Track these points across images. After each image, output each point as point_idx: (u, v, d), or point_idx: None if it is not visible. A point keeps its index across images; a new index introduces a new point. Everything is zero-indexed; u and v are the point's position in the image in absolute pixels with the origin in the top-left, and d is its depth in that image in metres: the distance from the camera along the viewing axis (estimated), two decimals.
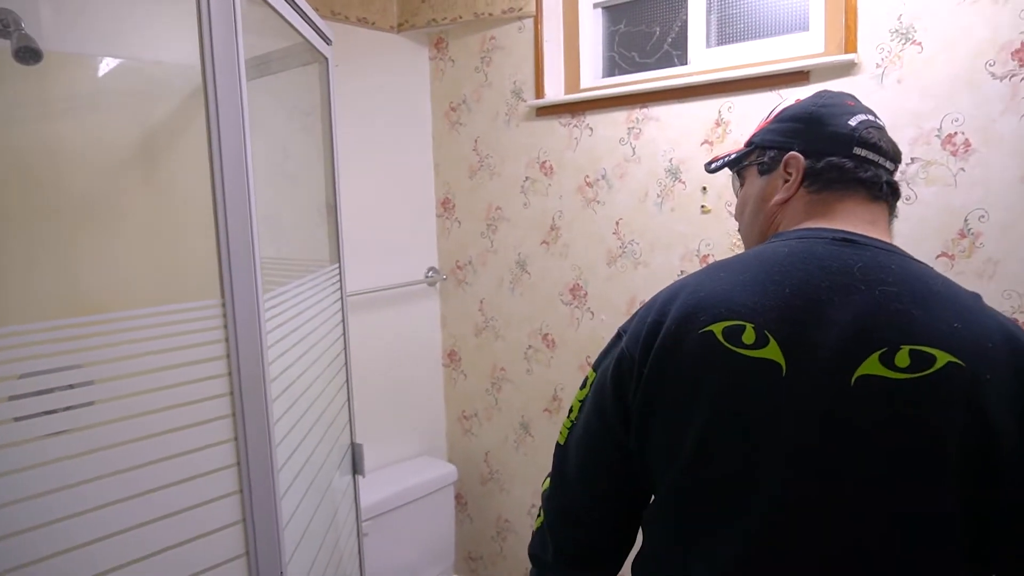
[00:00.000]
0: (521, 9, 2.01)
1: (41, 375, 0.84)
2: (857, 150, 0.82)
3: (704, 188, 1.73)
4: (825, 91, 0.90)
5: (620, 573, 0.93)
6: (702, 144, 1.72)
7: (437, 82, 2.29)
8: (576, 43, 2.04)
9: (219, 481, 0.93)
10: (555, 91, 2.05)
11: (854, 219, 0.81)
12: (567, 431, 0.89)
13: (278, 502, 0.99)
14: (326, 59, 1.45)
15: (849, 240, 0.77)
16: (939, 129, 1.40)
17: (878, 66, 1.46)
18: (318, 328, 1.35)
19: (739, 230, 0.97)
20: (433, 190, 2.36)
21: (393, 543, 2.07)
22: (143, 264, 1.52)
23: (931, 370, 0.66)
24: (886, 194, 0.83)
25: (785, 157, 0.85)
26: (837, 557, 0.69)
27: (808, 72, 1.55)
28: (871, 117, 0.84)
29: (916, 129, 1.43)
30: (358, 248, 2.07)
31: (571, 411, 0.89)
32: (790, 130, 0.86)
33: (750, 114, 1.64)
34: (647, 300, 0.85)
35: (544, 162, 2.05)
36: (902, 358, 0.67)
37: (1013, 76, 1.33)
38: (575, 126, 1.96)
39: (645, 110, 1.82)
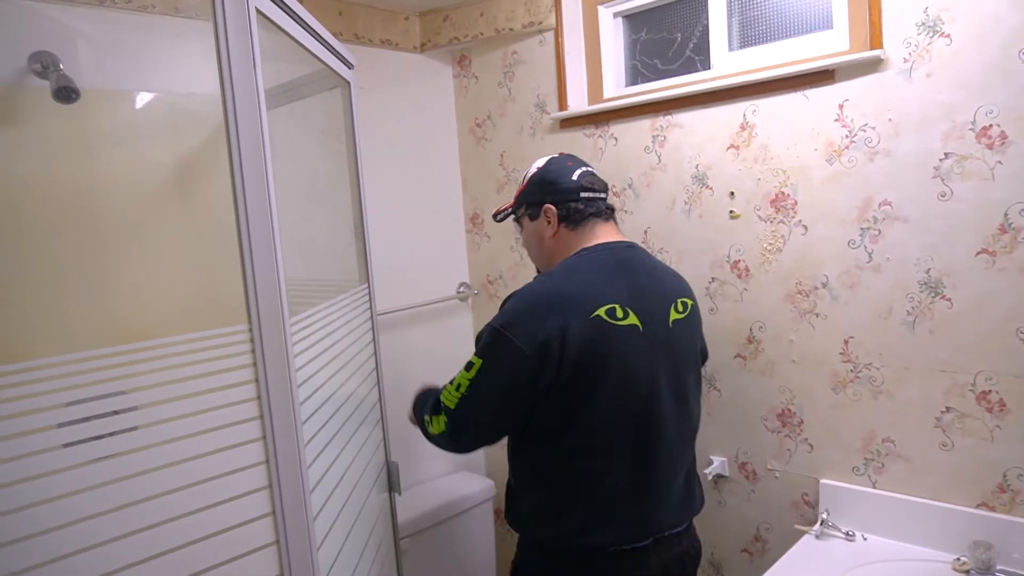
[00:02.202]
0: (541, 23, 2.02)
1: (84, 403, 0.87)
2: (583, 194, 1.32)
3: (732, 193, 1.71)
4: (551, 158, 1.38)
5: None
6: (728, 149, 1.70)
7: (461, 99, 2.31)
8: (598, 53, 2.04)
9: (252, 504, 0.94)
10: (578, 102, 2.05)
11: (609, 234, 1.34)
12: (458, 399, 1.24)
13: (311, 523, 1.01)
14: (348, 83, 1.47)
15: (629, 246, 1.33)
16: (973, 122, 1.36)
17: (906, 61, 1.43)
18: (348, 348, 1.37)
19: (530, 256, 1.46)
20: (462, 206, 2.38)
21: (433, 560, 2.08)
22: (182, 292, 1.56)
23: (690, 309, 1.35)
24: (608, 214, 1.36)
25: (543, 208, 1.34)
26: (682, 405, 1.31)
27: (833, 71, 1.52)
28: (587, 168, 1.36)
29: (948, 123, 1.39)
30: (390, 267, 2.10)
31: (459, 386, 1.24)
32: (539, 190, 1.36)
33: (776, 116, 1.61)
34: (515, 302, 1.25)
35: None
36: (681, 306, 1.33)
37: None
38: (599, 136, 1.96)
39: (669, 117, 1.81)
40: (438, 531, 2.08)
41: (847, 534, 1.55)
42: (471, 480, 2.27)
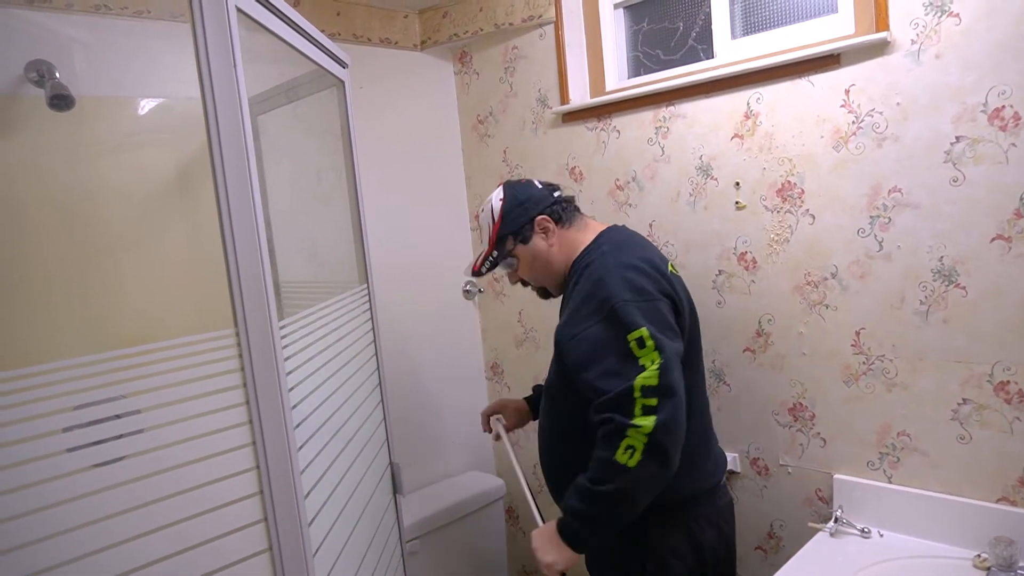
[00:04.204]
0: (541, 16, 1.99)
1: (82, 409, 0.86)
2: (556, 194, 1.43)
3: (737, 183, 1.67)
4: (505, 185, 1.44)
5: None
6: (732, 138, 1.67)
7: (463, 96, 2.29)
8: (599, 45, 2.01)
9: (243, 510, 0.93)
10: (580, 95, 2.02)
11: (595, 223, 1.45)
12: (657, 373, 1.15)
13: (305, 528, 0.99)
14: (342, 82, 1.46)
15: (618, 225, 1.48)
16: (984, 104, 1.31)
17: (913, 42, 1.38)
18: (347, 349, 1.35)
19: (538, 281, 1.48)
20: (466, 203, 2.36)
21: (443, 560, 2.06)
22: (183, 295, 1.55)
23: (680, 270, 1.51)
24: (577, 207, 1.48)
25: (535, 222, 1.40)
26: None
27: (839, 55, 1.48)
28: (539, 181, 1.47)
29: (959, 105, 1.34)
30: (395, 266, 2.08)
31: (647, 365, 1.16)
32: (519, 213, 1.40)
33: (780, 104, 1.57)
34: (616, 273, 1.26)
35: (573, 168, 2.02)
36: (672, 267, 1.40)
37: None
38: (602, 130, 1.93)
39: (672, 108, 1.77)
40: (449, 531, 2.07)
41: (862, 531, 1.51)
42: (482, 479, 2.25)
